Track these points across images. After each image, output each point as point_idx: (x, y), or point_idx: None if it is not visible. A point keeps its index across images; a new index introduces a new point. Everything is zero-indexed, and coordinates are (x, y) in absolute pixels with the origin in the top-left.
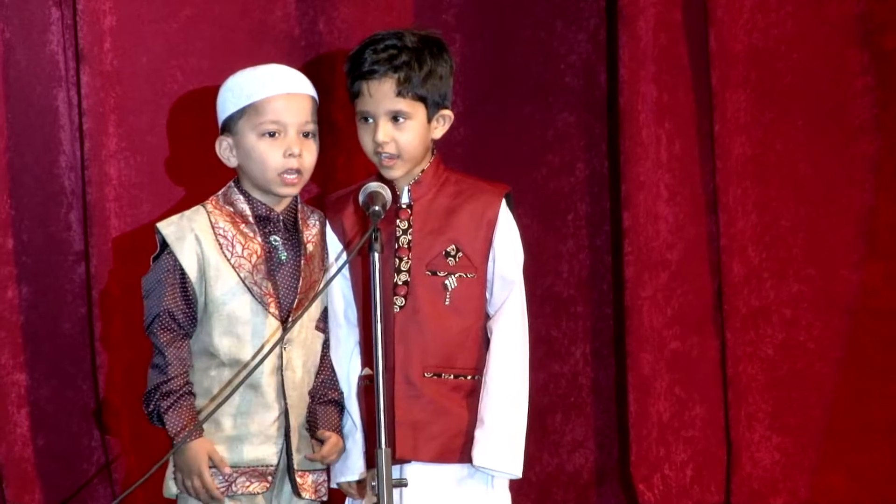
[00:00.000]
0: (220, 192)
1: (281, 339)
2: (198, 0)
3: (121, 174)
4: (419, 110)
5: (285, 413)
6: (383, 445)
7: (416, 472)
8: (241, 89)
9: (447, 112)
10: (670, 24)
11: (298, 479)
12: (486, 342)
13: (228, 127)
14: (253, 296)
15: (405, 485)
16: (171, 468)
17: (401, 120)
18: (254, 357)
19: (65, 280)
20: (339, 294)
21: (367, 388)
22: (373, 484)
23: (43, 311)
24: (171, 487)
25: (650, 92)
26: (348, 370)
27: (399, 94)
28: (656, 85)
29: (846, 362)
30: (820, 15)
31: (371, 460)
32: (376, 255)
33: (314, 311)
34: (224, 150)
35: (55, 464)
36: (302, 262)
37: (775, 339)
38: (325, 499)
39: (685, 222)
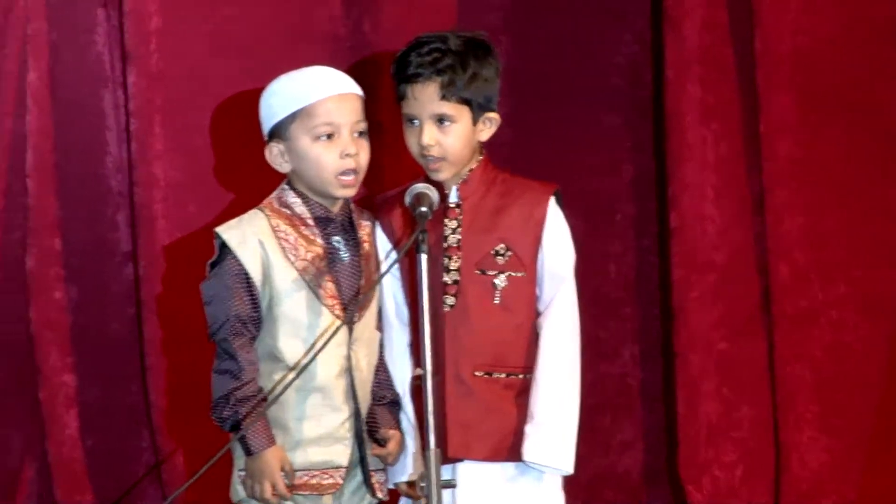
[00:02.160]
0: (273, 196)
1: (335, 333)
2: (243, 1)
3: (167, 175)
4: (464, 113)
5: (356, 414)
6: (432, 446)
7: (468, 471)
8: (288, 93)
9: (493, 115)
10: (716, 26)
11: (372, 479)
12: (538, 340)
13: (278, 133)
14: (317, 298)
15: (454, 486)
16: (237, 472)
17: (445, 123)
18: (307, 352)
19: (112, 281)
20: (391, 295)
21: (417, 388)
22: (421, 485)
23: (91, 312)
24: (238, 492)
25: (696, 93)
26: (402, 370)
27: (443, 97)
28: (702, 86)
29: (893, 363)
30: (864, 16)
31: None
32: (423, 256)
33: (376, 310)
34: (275, 156)
35: (104, 464)
36: (361, 261)
37: (823, 340)
38: (386, 499)
39: (732, 223)
